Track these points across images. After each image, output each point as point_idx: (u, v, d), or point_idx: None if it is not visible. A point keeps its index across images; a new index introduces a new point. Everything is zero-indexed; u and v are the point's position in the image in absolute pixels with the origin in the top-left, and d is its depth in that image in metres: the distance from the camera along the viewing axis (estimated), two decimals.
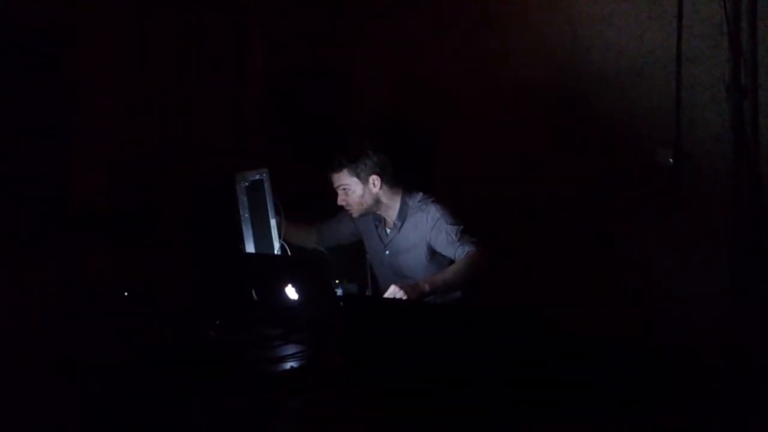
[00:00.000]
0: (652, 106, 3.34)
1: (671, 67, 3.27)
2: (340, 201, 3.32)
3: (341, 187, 3.29)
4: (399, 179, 3.35)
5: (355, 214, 3.34)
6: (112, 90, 4.03)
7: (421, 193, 3.34)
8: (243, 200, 3.03)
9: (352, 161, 3.26)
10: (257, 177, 3.12)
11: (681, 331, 3.25)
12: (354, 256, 3.60)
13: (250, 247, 3.05)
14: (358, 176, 3.26)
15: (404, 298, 2.85)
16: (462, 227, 3.15)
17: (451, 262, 3.16)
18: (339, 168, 3.27)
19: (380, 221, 3.40)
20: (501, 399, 2.08)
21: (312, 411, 2.21)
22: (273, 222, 3.18)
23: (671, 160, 3.29)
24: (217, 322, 2.83)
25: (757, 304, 3.14)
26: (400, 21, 4.16)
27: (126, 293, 3.09)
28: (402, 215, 3.31)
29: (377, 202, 3.31)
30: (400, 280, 3.15)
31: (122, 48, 4.06)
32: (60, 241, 3.56)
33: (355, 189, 3.27)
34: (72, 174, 3.85)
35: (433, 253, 3.24)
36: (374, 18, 4.23)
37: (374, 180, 3.27)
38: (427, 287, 2.95)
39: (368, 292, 3.50)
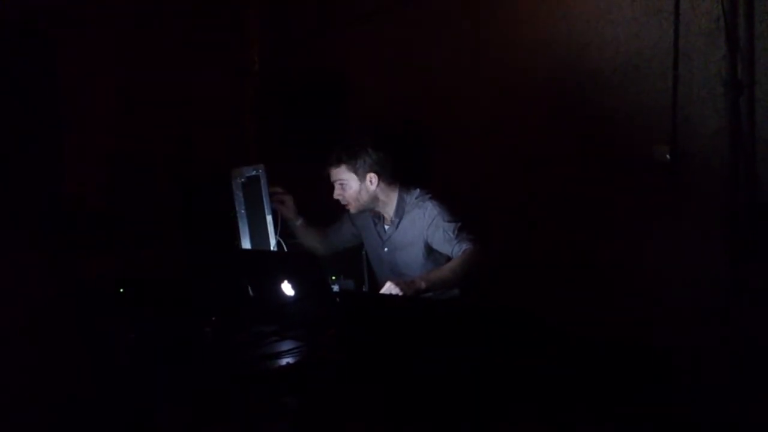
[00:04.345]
0: (649, 102, 3.33)
1: (668, 63, 3.26)
2: (336, 195, 3.32)
3: (338, 182, 3.30)
4: (396, 176, 3.35)
5: (353, 210, 3.34)
6: (107, 87, 4.03)
7: (418, 190, 3.34)
8: (239, 196, 3.03)
9: (350, 157, 3.26)
10: (253, 173, 3.12)
11: (677, 329, 3.24)
12: (350, 252, 3.60)
13: (245, 243, 3.05)
14: (355, 173, 3.26)
15: (400, 294, 2.85)
16: (459, 224, 3.15)
17: (449, 259, 3.15)
18: (337, 163, 3.28)
19: (379, 218, 3.40)
20: (497, 395, 2.07)
21: (308, 407, 2.20)
22: (269, 218, 3.18)
23: (668, 156, 3.28)
24: (213, 319, 2.82)
25: (754, 300, 3.13)
26: (396, 20, 4.15)
27: (121, 290, 3.08)
28: (399, 212, 3.31)
29: (374, 199, 3.31)
30: (398, 276, 3.15)
31: (118, 45, 4.05)
32: (54, 238, 3.55)
33: (352, 185, 3.27)
34: (67, 171, 3.84)
35: (430, 250, 3.24)
36: (370, 16, 4.23)
37: (371, 178, 3.27)
38: (423, 284, 2.96)
39: (365, 289, 3.49)
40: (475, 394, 2.09)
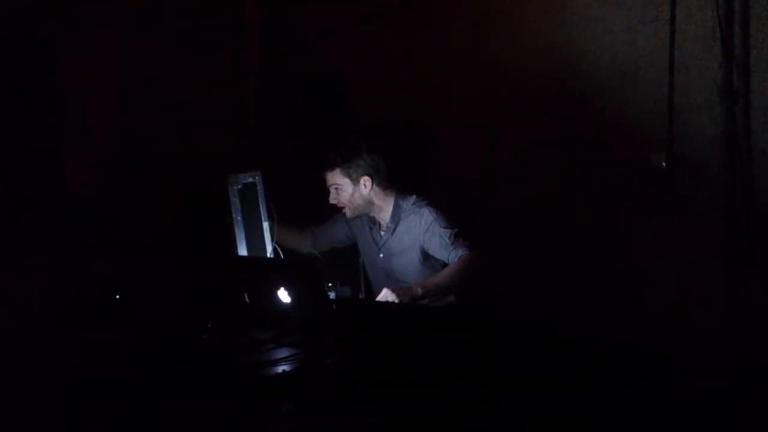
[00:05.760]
0: (646, 109, 3.34)
1: (664, 71, 3.26)
2: (332, 200, 3.34)
3: (333, 186, 3.31)
4: (392, 181, 3.35)
5: (349, 214, 3.35)
6: (107, 87, 4.04)
7: (414, 196, 3.34)
8: (235, 203, 3.03)
9: (345, 161, 3.28)
10: (250, 179, 3.11)
11: (674, 333, 3.26)
12: (347, 259, 3.61)
13: (242, 250, 3.05)
14: (349, 176, 3.27)
15: (396, 301, 2.86)
16: (455, 230, 3.15)
17: (445, 265, 3.16)
18: (332, 167, 3.30)
19: (374, 224, 3.41)
20: (493, 400, 2.08)
21: (305, 415, 2.21)
22: (266, 225, 3.18)
23: (664, 163, 3.28)
24: (210, 326, 2.83)
25: (749, 306, 3.14)
26: (396, 21, 4.15)
27: (117, 296, 3.09)
28: (395, 218, 3.32)
29: (369, 203, 3.32)
30: (393, 283, 3.16)
31: (118, 45, 4.06)
32: (54, 238, 3.57)
33: (347, 189, 3.29)
34: (67, 171, 3.86)
35: (426, 256, 3.24)
36: (370, 17, 4.23)
37: (365, 181, 3.27)
38: (419, 291, 2.95)
39: (361, 296, 3.50)
40: (474, 397, 2.10)
